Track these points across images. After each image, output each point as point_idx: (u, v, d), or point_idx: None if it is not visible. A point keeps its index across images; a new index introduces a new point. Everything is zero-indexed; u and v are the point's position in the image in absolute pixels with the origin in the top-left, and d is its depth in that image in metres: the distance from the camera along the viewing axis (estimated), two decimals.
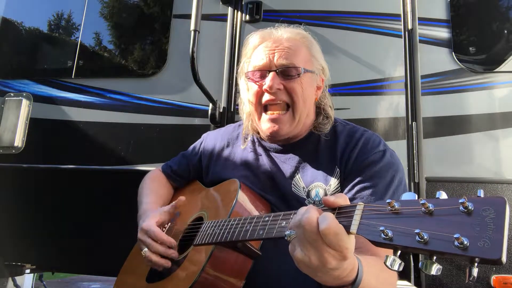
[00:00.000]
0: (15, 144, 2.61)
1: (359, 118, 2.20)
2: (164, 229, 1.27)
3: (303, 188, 1.21)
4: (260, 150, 1.35)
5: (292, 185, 1.23)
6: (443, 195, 0.63)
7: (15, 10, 3.10)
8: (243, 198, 1.18)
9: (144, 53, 2.82)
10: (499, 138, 2.15)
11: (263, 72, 1.23)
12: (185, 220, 1.34)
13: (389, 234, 0.63)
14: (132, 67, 2.82)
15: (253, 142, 1.39)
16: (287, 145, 1.31)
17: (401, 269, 0.64)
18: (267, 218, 0.93)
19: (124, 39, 2.96)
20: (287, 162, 1.28)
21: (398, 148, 2.12)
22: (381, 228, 0.63)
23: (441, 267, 0.60)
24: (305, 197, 1.20)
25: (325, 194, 1.18)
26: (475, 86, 2.22)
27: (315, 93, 1.31)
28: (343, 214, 0.74)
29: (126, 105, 2.56)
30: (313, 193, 1.19)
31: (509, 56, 2.25)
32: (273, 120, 1.24)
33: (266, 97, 1.23)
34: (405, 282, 1.96)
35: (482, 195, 0.58)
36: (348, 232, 0.71)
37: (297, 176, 1.24)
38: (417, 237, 0.59)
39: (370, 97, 2.29)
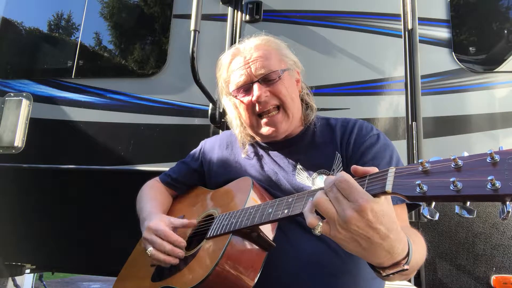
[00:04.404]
0: (15, 144, 2.61)
1: (359, 118, 2.19)
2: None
3: (307, 177, 1.24)
4: (260, 152, 1.38)
5: (296, 177, 1.25)
6: (466, 154, 0.68)
7: (15, 10, 3.10)
8: (257, 191, 1.20)
9: (144, 53, 2.82)
10: (499, 138, 2.16)
11: (246, 86, 1.29)
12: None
13: (424, 188, 0.67)
14: (132, 67, 2.82)
15: (251, 145, 1.42)
16: (285, 141, 1.34)
17: (436, 217, 0.70)
18: (290, 199, 0.94)
19: (124, 39, 2.96)
20: (287, 157, 1.31)
21: (398, 148, 2.10)
22: (418, 182, 0.68)
23: (475, 210, 0.66)
24: (311, 185, 1.22)
25: None
26: (475, 86, 2.22)
27: (297, 87, 1.37)
28: (375, 179, 0.76)
29: (126, 105, 2.56)
30: (318, 181, 1.22)
31: (509, 56, 2.26)
32: (269, 123, 1.28)
33: (257, 107, 1.28)
34: (405, 282, 1.96)
35: (504, 148, 0.65)
36: (384, 191, 0.72)
37: (298, 167, 1.27)
38: (451, 186, 0.64)
39: (370, 97, 2.29)
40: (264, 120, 1.29)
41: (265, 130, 1.29)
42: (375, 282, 1.20)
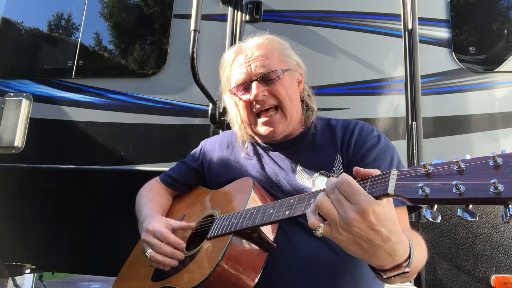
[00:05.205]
0: (15, 144, 2.61)
1: (359, 118, 2.19)
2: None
3: (308, 178, 1.24)
4: (261, 152, 1.38)
5: (297, 178, 1.25)
6: (469, 156, 0.68)
7: (15, 10, 3.10)
8: (257, 191, 1.20)
9: (144, 53, 2.82)
10: (499, 138, 2.16)
11: (245, 84, 1.29)
12: (193, 220, 1.33)
13: (427, 190, 0.67)
14: (132, 67, 2.82)
15: (252, 144, 1.42)
16: (285, 142, 1.34)
17: (438, 220, 0.70)
18: (292, 200, 0.94)
19: (124, 39, 2.96)
20: (287, 158, 1.31)
21: (398, 148, 2.10)
22: (420, 185, 0.67)
23: (477, 213, 0.66)
24: (311, 186, 1.22)
25: None
26: (475, 86, 2.22)
27: (298, 88, 1.37)
28: (378, 181, 0.76)
29: (126, 105, 2.56)
30: (318, 182, 1.22)
31: (509, 56, 2.26)
32: (266, 123, 1.28)
33: (255, 106, 1.28)
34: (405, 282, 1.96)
35: (507, 151, 0.64)
36: (386, 194, 0.72)
37: (298, 168, 1.27)
38: (454, 189, 0.63)
39: (370, 97, 2.29)
40: (261, 120, 1.29)
41: (263, 129, 1.29)
42: (376, 282, 1.20)
